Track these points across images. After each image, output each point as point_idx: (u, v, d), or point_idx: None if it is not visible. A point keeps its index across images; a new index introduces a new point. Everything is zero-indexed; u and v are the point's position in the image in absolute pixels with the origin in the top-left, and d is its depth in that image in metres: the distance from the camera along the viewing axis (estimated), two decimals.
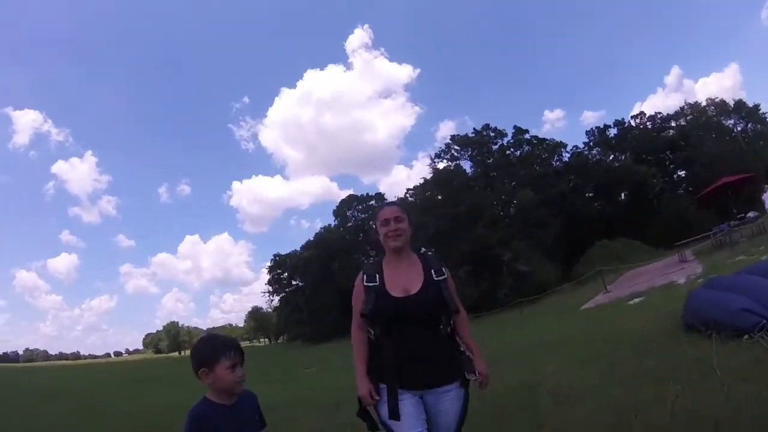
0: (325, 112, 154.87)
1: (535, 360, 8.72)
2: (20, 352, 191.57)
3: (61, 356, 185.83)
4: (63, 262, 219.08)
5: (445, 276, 2.91)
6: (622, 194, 54.57)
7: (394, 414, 2.68)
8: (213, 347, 2.40)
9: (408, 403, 2.71)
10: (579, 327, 12.74)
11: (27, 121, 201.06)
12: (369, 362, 2.84)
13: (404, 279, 2.86)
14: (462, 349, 2.88)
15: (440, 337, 2.79)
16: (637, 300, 14.56)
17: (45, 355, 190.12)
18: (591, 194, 54.63)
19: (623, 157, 56.41)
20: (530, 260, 40.08)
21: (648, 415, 3.95)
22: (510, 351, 11.18)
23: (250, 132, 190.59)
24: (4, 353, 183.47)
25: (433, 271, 2.89)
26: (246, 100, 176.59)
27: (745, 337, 5.18)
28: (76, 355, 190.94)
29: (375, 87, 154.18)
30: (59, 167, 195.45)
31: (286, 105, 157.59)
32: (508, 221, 47.17)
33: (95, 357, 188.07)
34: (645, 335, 7.52)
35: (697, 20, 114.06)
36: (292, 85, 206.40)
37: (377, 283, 2.85)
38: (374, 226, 3.09)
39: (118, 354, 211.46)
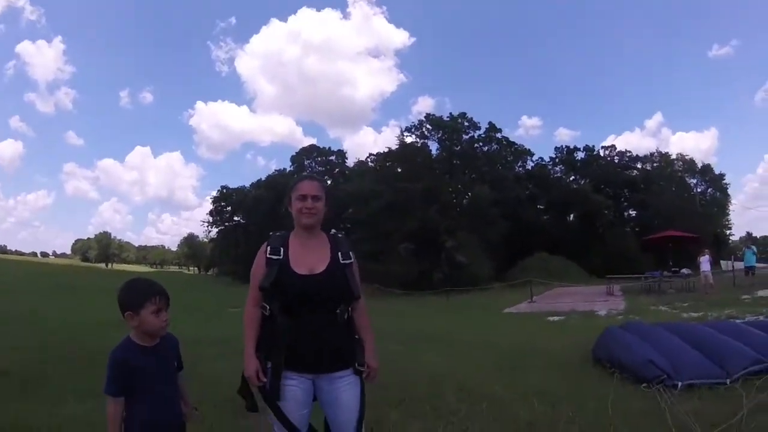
0: (310, 54, 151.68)
1: (451, 353, 8.91)
2: None
3: None
4: (8, 149, 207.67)
5: (352, 260, 2.85)
6: (572, 216, 56.33)
7: (276, 394, 2.65)
8: (138, 292, 2.46)
9: (296, 386, 2.68)
10: (498, 329, 13.07)
11: None
12: (259, 340, 2.74)
13: (310, 257, 2.78)
14: (357, 337, 2.84)
15: (338, 321, 2.72)
16: (556, 318, 15.10)
17: None
18: (543, 207, 56.18)
19: (583, 181, 58.04)
20: (470, 253, 40.60)
21: None
22: (429, 335, 11.50)
23: (228, 54, 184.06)
24: None
25: (340, 253, 2.83)
26: (233, 20, 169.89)
27: (644, 385, 5.46)
28: (2, 249, 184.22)
29: (367, 44, 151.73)
30: (24, 48, 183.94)
31: (272, 36, 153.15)
32: (459, 211, 47.57)
33: (22, 254, 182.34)
34: (555, 355, 7.85)
35: (694, 76, 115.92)
36: (284, 18, 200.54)
37: (281, 257, 2.75)
38: (289, 197, 2.93)
39: (44, 255, 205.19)
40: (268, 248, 2.79)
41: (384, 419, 4.43)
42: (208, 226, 72.46)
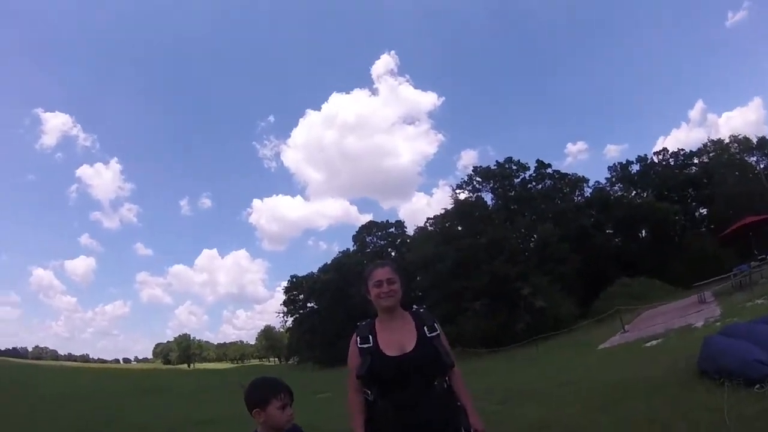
0: (348, 135, 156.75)
1: (550, 400, 8.70)
2: (29, 349, 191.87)
3: (70, 357, 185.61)
4: (80, 265, 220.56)
5: (438, 332, 2.92)
6: (643, 231, 54.17)
7: None
8: (265, 389, 2.60)
9: None
10: (595, 367, 12.69)
11: (56, 123, 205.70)
12: (367, 425, 2.82)
13: (398, 338, 2.87)
14: (459, 403, 2.86)
15: (438, 393, 2.76)
16: (654, 342, 14.43)
17: (54, 355, 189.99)
18: (612, 230, 54.30)
19: (645, 193, 56.38)
20: (548, 296, 39.54)
21: None
22: (524, 389, 11.20)
23: (273, 151, 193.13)
24: (13, 348, 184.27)
25: (426, 327, 2.91)
26: (271, 119, 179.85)
27: (756, 386, 5.23)
28: (85, 358, 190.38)
29: (399, 113, 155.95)
30: (84, 171, 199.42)
31: (310, 126, 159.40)
32: (527, 255, 46.56)
33: (104, 361, 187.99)
34: (659, 379, 7.55)
35: (722, 54, 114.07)
36: (317, 107, 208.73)
37: (371, 344, 2.87)
38: (366, 285, 3.07)
39: (127, 361, 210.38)
40: (358, 338, 2.93)
41: None
42: (283, 316, 73.83)
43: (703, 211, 56.09)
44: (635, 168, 59.34)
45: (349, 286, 56.36)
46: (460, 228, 49.23)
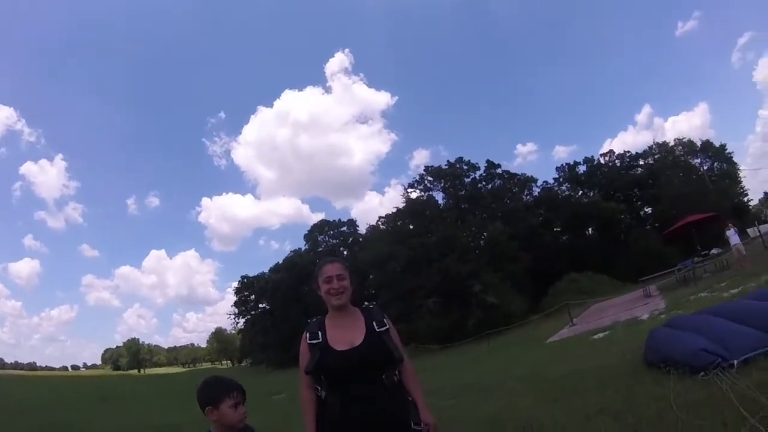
0: (301, 133, 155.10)
1: (503, 394, 8.77)
2: None
3: (17, 366, 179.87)
4: (25, 267, 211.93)
5: (387, 327, 2.96)
6: (590, 229, 55.83)
7: None
8: (217, 388, 2.65)
9: None
10: (545, 361, 12.82)
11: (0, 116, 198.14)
12: (318, 421, 2.85)
13: (348, 333, 2.90)
14: (410, 398, 2.90)
15: (386, 387, 2.80)
16: (601, 335, 14.70)
17: (0, 364, 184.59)
18: (560, 229, 55.51)
19: (592, 193, 58.17)
20: (499, 292, 40.10)
21: None
22: (477, 384, 11.29)
23: (223, 148, 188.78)
24: None
25: (375, 323, 2.95)
26: (222, 115, 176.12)
27: (701, 374, 5.37)
28: (32, 366, 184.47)
29: (352, 112, 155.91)
30: (28, 168, 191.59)
31: (261, 123, 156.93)
32: (478, 253, 47.13)
33: (52, 369, 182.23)
34: (608, 371, 7.70)
35: (669, 60, 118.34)
36: (269, 104, 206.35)
37: (320, 340, 2.90)
38: (317, 281, 3.10)
39: (75, 368, 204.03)
40: (308, 334, 2.96)
41: None
42: (234, 318, 73.08)
43: (648, 210, 58.05)
44: (582, 169, 61.02)
45: (301, 286, 56.03)
46: (411, 227, 49.70)
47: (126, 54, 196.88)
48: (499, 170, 57.52)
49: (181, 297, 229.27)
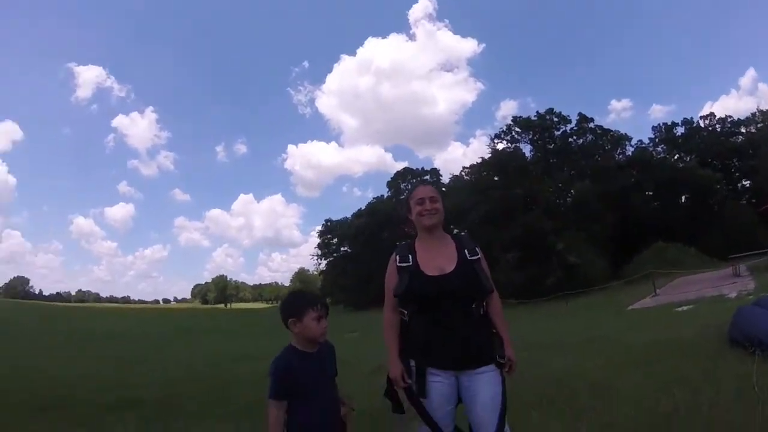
0: (384, 81, 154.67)
1: (578, 354, 8.70)
2: (72, 293, 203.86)
3: (112, 299, 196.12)
4: (120, 211, 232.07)
5: (479, 256, 2.90)
6: (683, 197, 52.68)
7: (421, 392, 2.71)
8: (302, 300, 2.66)
9: (440, 382, 2.73)
10: (624, 327, 12.59)
11: (90, 76, 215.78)
12: (401, 343, 2.83)
13: (438, 258, 2.83)
14: (495, 331, 2.84)
15: (474, 317, 2.75)
16: (685, 308, 14.48)
17: (96, 298, 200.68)
18: (651, 193, 52.93)
19: (688, 158, 54.86)
20: (581, 253, 39.46)
21: (683, 422, 3.97)
22: (551, 341, 11.22)
23: (307, 97, 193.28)
24: (57, 293, 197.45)
25: (466, 251, 2.88)
26: (306, 64, 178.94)
27: None
28: (126, 300, 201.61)
29: (437, 59, 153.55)
30: (120, 121, 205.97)
31: (345, 72, 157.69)
32: (563, 211, 46.17)
33: (144, 302, 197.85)
34: (689, 344, 7.56)
35: None
36: (352, 52, 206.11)
37: (410, 263, 2.84)
38: (407, 205, 3.07)
39: (166, 301, 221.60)
40: (397, 257, 2.91)
41: (524, 421, 4.37)
42: (316, 259, 75.60)
43: (746, 183, 54.35)
44: (680, 131, 57.73)
45: (382, 231, 56.97)
46: (496, 178, 48.84)
47: (211, 6, 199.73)
48: (591, 125, 54.75)
49: (266, 238, 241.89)
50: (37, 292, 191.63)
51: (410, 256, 2.87)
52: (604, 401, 4.94)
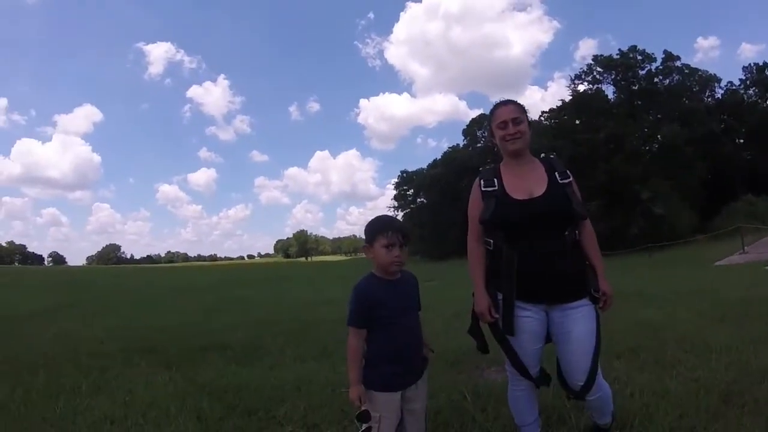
0: (453, 26, 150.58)
1: (665, 306, 8.52)
2: (162, 255, 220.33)
3: (200, 258, 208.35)
4: (202, 176, 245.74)
5: (570, 179, 2.69)
6: None
7: (509, 328, 2.58)
8: (375, 227, 2.51)
9: (531, 317, 2.60)
10: (711, 282, 12.34)
11: (159, 52, 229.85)
12: (487, 275, 2.69)
13: (527, 182, 2.65)
14: (588, 263, 2.69)
15: (567, 246, 2.56)
16: None
17: (185, 257, 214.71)
18: (742, 140, 50.13)
19: None
20: (668, 203, 38.16)
21: None
22: (638, 291, 11.07)
23: (376, 49, 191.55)
24: (148, 255, 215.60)
25: (557, 173, 2.68)
26: (371, 16, 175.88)
27: None
28: (213, 257, 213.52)
29: None
30: (194, 92, 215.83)
31: (412, 20, 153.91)
32: (649, 157, 44.25)
33: (230, 259, 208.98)
34: None
35: None
36: None
37: (496, 188, 2.67)
38: (490, 129, 2.85)
39: (251, 257, 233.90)
40: (482, 182, 2.74)
41: (607, 371, 4.13)
42: (393, 211, 75.28)
43: None
44: None
45: (459, 181, 56.86)
46: (577, 122, 47.16)
47: None
48: (678, 63, 51.09)
49: (344, 193, 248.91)
50: (128, 257, 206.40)
51: (495, 180, 2.71)
52: (693, 355, 4.88)
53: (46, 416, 4.04)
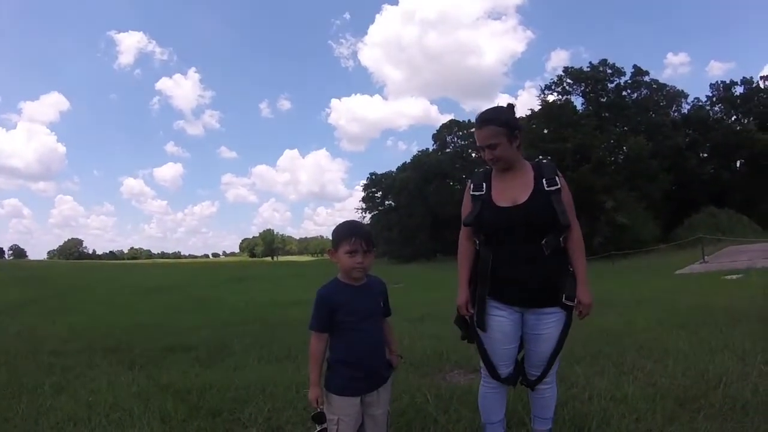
0: (429, 31, 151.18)
1: (624, 312, 8.66)
2: (125, 251, 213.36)
3: (163, 255, 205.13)
4: (168, 171, 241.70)
5: (559, 186, 2.66)
6: (739, 162, 50.80)
7: (481, 324, 2.67)
8: (340, 231, 2.52)
9: (504, 317, 2.67)
10: (671, 291, 12.55)
11: (131, 42, 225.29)
12: (472, 272, 2.76)
13: (513, 188, 2.68)
14: (571, 270, 2.69)
15: (544, 253, 2.58)
16: (734, 276, 14.40)
17: (148, 254, 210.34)
18: (706, 155, 51.18)
19: (746, 120, 51.90)
20: (631, 213, 39.05)
21: (730, 388, 3.92)
22: (600, 299, 11.10)
23: (350, 50, 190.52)
24: (110, 251, 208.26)
25: (544, 180, 2.67)
26: (347, 16, 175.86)
27: None
28: (177, 255, 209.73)
29: (484, 7, 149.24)
30: (163, 84, 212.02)
31: (388, 22, 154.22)
32: (614, 168, 45.03)
33: (195, 257, 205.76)
34: (738, 311, 7.59)
35: None
36: (394, 2, 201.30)
37: (483, 192, 2.73)
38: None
39: (216, 255, 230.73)
40: (472, 185, 2.81)
41: (568, 374, 4.46)
42: (362, 213, 75.56)
43: None
44: (739, 90, 54.22)
45: (427, 185, 57.05)
46: (545, 131, 47.54)
47: None
48: (646, 78, 52.20)
49: (312, 193, 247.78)
50: (90, 252, 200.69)
51: (484, 185, 2.76)
52: (652, 361, 4.98)
53: (8, 416, 4.00)
